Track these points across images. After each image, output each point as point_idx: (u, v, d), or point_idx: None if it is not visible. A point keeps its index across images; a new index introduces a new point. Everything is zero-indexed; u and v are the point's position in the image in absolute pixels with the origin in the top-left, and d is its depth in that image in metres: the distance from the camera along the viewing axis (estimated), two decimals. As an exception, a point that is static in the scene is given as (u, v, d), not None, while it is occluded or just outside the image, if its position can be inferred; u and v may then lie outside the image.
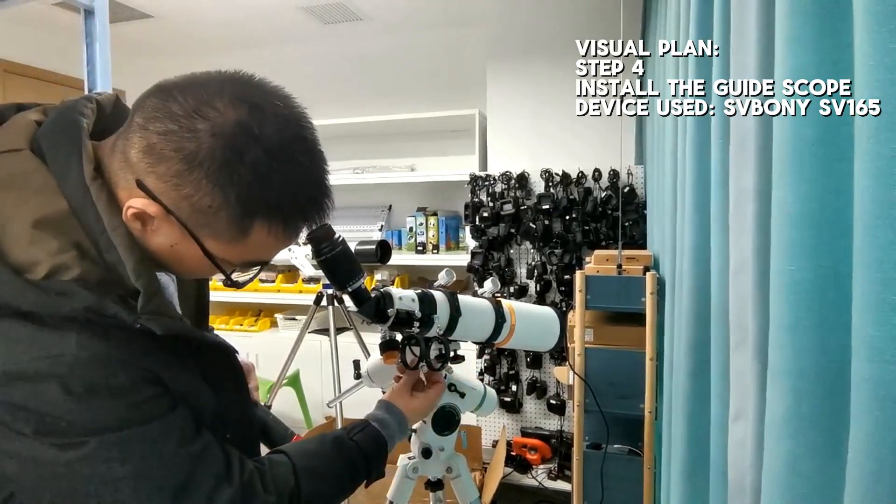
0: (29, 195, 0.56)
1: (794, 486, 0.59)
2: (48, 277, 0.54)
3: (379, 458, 0.80)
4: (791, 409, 0.59)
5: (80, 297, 0.54)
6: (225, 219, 0.57)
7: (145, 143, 0.56)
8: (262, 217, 0.58)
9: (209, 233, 0.59)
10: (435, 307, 0.96)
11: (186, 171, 0.55)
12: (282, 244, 0.63)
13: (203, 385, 0.63)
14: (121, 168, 0.58)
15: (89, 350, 0.54)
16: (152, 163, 0.56)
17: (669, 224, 1.50)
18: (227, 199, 0.56)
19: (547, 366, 2.75)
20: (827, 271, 0.56)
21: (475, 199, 2.76)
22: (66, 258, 0.55)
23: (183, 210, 0.57)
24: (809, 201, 0.57)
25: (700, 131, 1.04)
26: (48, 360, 0.53)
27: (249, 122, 0.56)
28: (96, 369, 0.54)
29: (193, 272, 0.66)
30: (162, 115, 0.56)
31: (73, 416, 0.53)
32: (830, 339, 0.56)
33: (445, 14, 3.06)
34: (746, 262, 0.76)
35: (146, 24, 3.17)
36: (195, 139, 0.55)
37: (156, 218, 0.58)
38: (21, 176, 0.57)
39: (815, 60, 0.58)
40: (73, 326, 0.54)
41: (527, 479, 2.61)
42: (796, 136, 0.59)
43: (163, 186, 0.56)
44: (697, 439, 1.06)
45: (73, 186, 0.57)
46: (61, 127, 0.60)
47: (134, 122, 0.57)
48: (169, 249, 0.61)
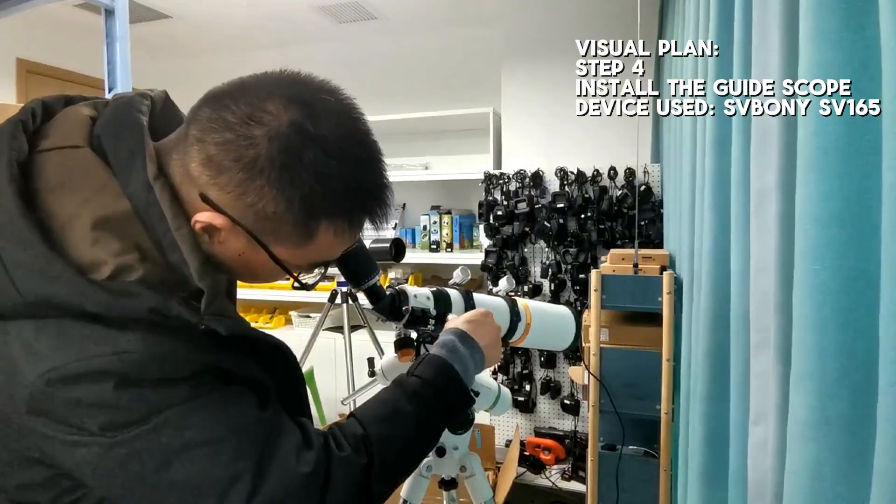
0: (91, 195, 0.55)
1: (817, 490, 0.58)
2: (112, 278, 0.53)
3: (450, 386, 0.72)
4: (815, 412, 0.58)
5: (145, 298, 0.53)
6: (290, 223, 0.57)
7: (204, 156, 0.56)
8: (326, 218, 0.58)
9: (276, 239, 0.59)
10: (450, 305, 0.96)
11: (248, 180, 0.55)
12: (347, 242, 0.63)
13: (266, 377, 0.62)
14: (182, 182, 0.58)
15: (155, 348, 0.53)
16: (213, 174, 0.56)
17: (687, 223, 1.48)
18: (290, 203, 0.56)
19: (561, 365, 2.73)
20: (854, 271, 0.54)
21: (489, 198, 2.75)
22: (129, 259, 0.54)
23: (248, 219, 0.57)
24: (836, 199, 0.56)
25: (720, 128, 1.03)
26: (114, 356, 0.52)
27: (304, 122, 0.56)
28: (162, 365, 0.53)
29: (261, 278, 0.65)
30: (217, 126, 0.55)
31: (141, 403, 0.52)
32: (857, 340, 0.54)
33: (460, 12, 3.05)
34: (769, 261, 0.75)
35: (165, 25, 3.20)
36: (253, 146, 0.55)
37: (222, 230, 0.57)
38: (82, 174, 0.56)
39: (841, 57, 0.56)
40: (137, 326, 0.53)
41: (540, 479, 2.60)
42: (822, 131, 0.57)
43: (226, 197, 0.56)
44: (716, 442, 1.04)
45: (137, 185, 0.56)
46: (123, 125, 0.59)
47: (190, 134, 0.57)
48: (237, 258, 0.60)
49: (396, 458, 0.64)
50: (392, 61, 3.42)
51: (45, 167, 0.56)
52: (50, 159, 0.56)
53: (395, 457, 0.64)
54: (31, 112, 0.59)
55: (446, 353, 0.75)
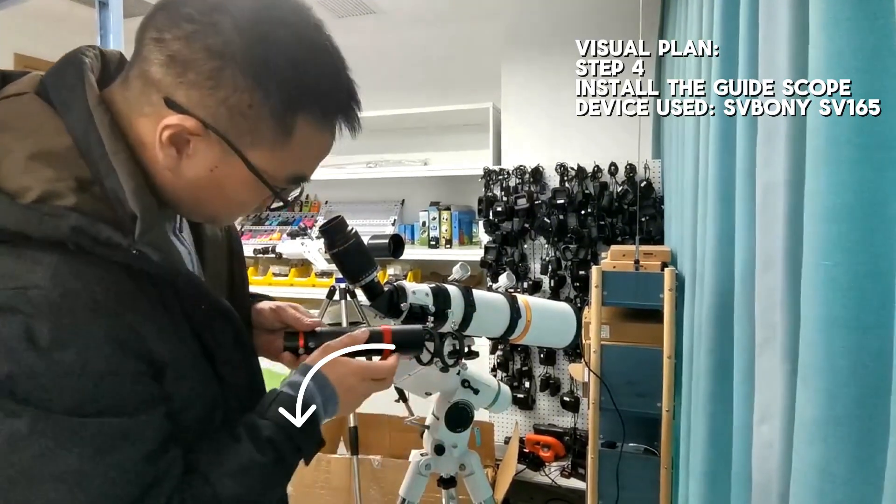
0: (28, 132, 0.53)
1: (825, 491, 0.57)
2: (39, 202, 0.50)
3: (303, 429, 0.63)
4: (823, 412, 0.57)
5: (71, 218, 0.49)
6: (267, 117, 0.54)
7: (166, 55, 0.53)
8: (304, 109, 0.55)
9: (252, 141, 0.55)
10: (449, 302, 0.94)
11: (219, 69, 0.52)
12: (323, 147, 0.60)
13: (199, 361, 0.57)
14: (141, 93, 0.55)
15: (63, 286, 0.48)
16: (180, 72, 0.52)
17: (690, 219, 1.46)
18: (266, 92, 0.53)
19: (560, 362, 2.72)
20: (865, 267, 0.53)
21: (489, 194, 2.73)
22: (60, 186, 0.51)
23: (222, 119, 0.54)
24: (846, 193, 0.54)
25: (725, 122, 1.01)
26: (16, 291, 0.47)
27: (268, 9, 0.54)
28: (68, 313, 0.48)
29: (233, 203, 0.61)
30: (178, 21, 0.52)
31: (25, 374, 0.46)
32: (867, 338, 0.53)
33: (460, 7, 3.03)
34: (775, 256, 0.73)
35: (161, 19, 3.18)
36: (220, 33, 0.52)
37: (193, 138, 0.54)
38: (22, 116, 0.54)
39: (853, 46, 0.55)
40: (53, 252, 0.49)
41: (540, 476, 2.59)
42: (832, 124, 0.56)
43: (196, 95, 0.53)
44: (719, 440, 1.03)
45: (77, 113, 0.54)
46: (65, 64, 0.57)
47: (146, 40, 0.54)
48: (208, 176, 0.56)
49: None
50: (391, 56, 3.40)
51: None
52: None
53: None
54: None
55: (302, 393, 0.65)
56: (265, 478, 0.60)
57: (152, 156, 0.56)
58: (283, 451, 0.61)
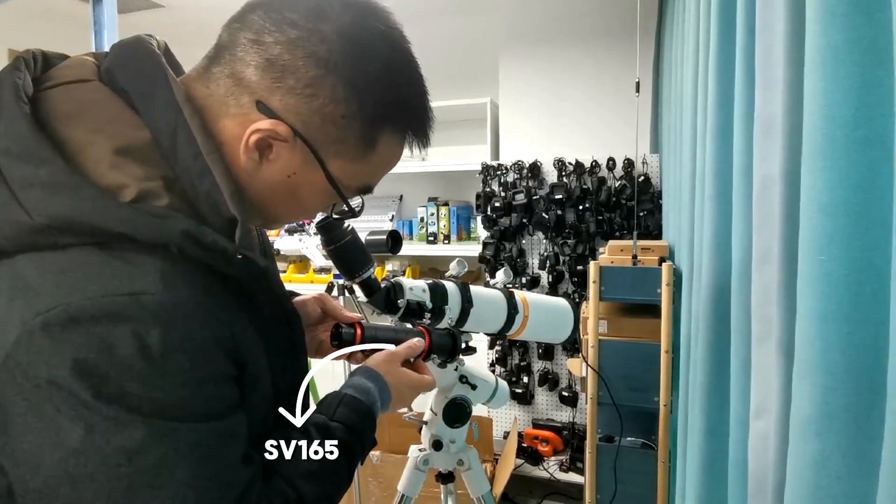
0: (104, 125, 0.50)
1: (821, 486, 0.57)
2: (136, 202, 0.47)
3: (366, 428, 0.67)
4: (819, 406, 0.57)
5: (178, 220, 0.47)
6: (356, 129, 0.54)
7: (265, 58, 0.51)
8: (391, 124, 0.56)
9: (336, 151, 0.55)
10: (446, 298, 0.94)
11: (322, 77, 0.51)
12: (396, 159, 0.60)
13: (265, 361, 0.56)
14: (229, 93, 0.53)
15: (175, 290, 0.46)
16: (278, 77, 0.51)
17: (687, 213, 1.46)
18: (362, 105, 0.53)
19: (559, 357, 2.73)
20: (860, 262, 0.53)
21: (487, 189, 2.73)
22: (153, 185, 0.48)
23: (312, 127, 0.53)
24: (843, 188, 0.54)
25: (722, 117, 1.01)
26: (125, 297, 0.44)
27: (368, 19, 0.54)
28: (179, 320, 0.46)
29: (301, 208, 0.60)
30: (281, 26, 0.51)
31: (137, 384, 0.44)
32: (863, 333, 0.53)
33: (457, 2, 3.01)
34: (771, 251, 0.73)
35: (156, 14, 3.16)
36: (324, 42, 0.51)
37: (278, 143, 0.53)
38: (94, 104, 0.51)
39: (850, 40, 0.54)
40: (157, 255, 0.46)
41: (538, 470, 2.60)
42: (828, 118, 0.56)
43: (292, 102, 0.52)
44: (716, 435, 1.03)
45: (162, 109, 0.51)
46: (135, 55, 0.54)
47: (241, 40, 0.52)
48: (284, 182, 0.55)
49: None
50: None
51: (51, 100, 0.50)
52: (57, 93, 0.51)
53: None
54: (32, 56, 0.53)
55: (365, 397, 0.68)
56: (339, 478, 0.61)
57: (231, 155, 0.54)
58: (354, 453, 0.63)
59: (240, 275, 0.52)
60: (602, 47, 2.68)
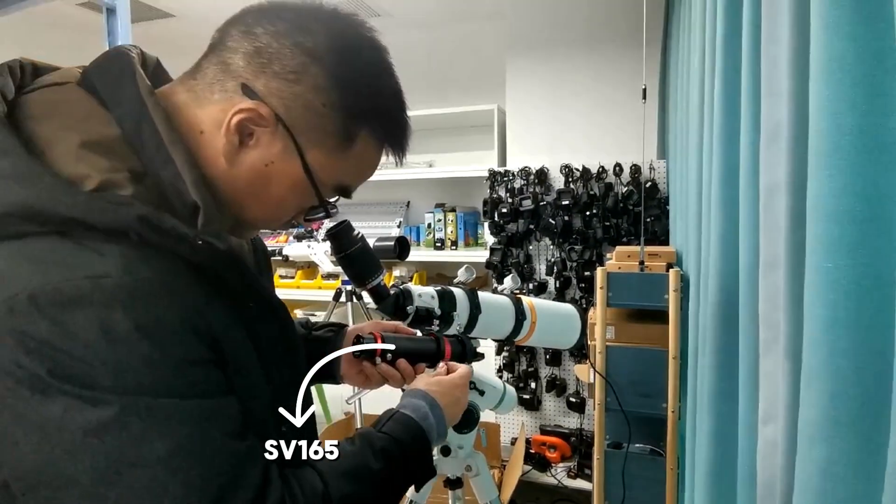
0: (75, 123, 0.52)
1: (828, 491, 0.57)
2: (98, 191, 0.48)
3: (416, 446, 0.67)
4: (826, 413, 0.57)
5: (135, 207, 0.48)
6: (337, 121, 0.56)
7: (254, 46, 0.54)
8: (370, 123, 0.58)
9: (315, 139, 0.56)
10: (455, 304, 0.95)
11: (307, 64, 0.54)
12: (373, 164, 0.62)
13: (252, 357, 0.56)
14: (215, 80, 0.55)
15: (136, 273, 0.47)
16: (264, 63, 0.54)
17: (694, 219, 1.46)
18: (342, 97, 0.55)
19: (566, 363, 2.72)
20: (867, 269, 0.53)
21: (494, 195, 2.74)
22: (117, 177, 0.50)
23: (294, 111, 0.55)
24: (848, 195, 0.54)
25: (728, 123, 1.01)
26: (87, 280, 0.45)
27: (355, 27, 0.58)
28: (143, 301, 0.46)
29: (274, 204, 0.60)
30: (272, 19, 0.55)
31: (106, 364, 0.44)
32: (870, 339, 0.53)
33: (464, 9, 3.04)
34: (778, 258, 0.73)
35: (168, 24, 3.20)
36: (312, 35, 0.54)
37: (257, 129, 0.54)
38: (66, 104, 0.53)
39: (853, 50, 0.55)
40: (120, 241, 0.47)
41: (546, 477, 2.59)
42: (834, 125, 0.56)
43: (276, 85, 0.54)
44: (724, 441, 1.03)
45: (128, 103, 0.53)
46: (109, 59, 0.57)
47: (232, 33, 0.55)
48: (261, 171, 0.56)
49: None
50: (396, 58, 3.37)
51: (28, 103, 0.53)
52: (34, 96, 0.53)
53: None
54: (20, 65, 0.55)
55: (419, 417, 0.70)
56: (375, 487, 0.60)
57: (209, 145, 0.55)
58: (395, 466, 0.62)
59: (206, 262, 0.52)
60: (608, 54, 2.69)
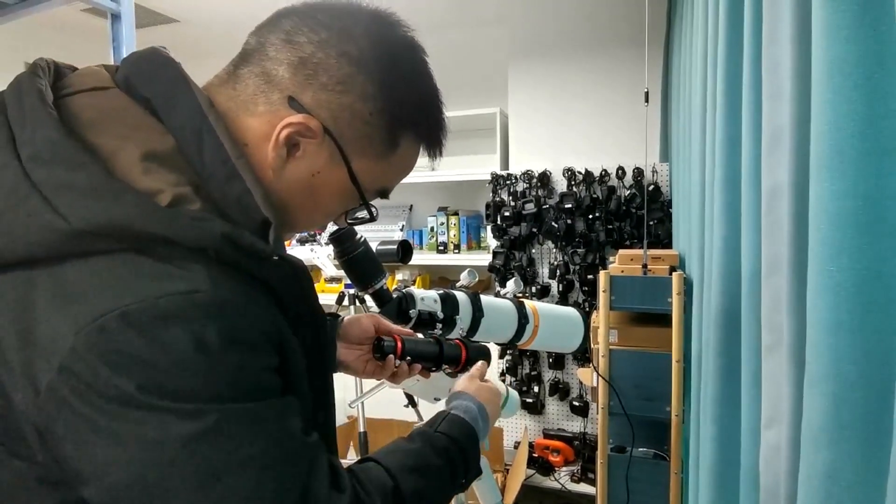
0: (129, 132, 0.50)
1: (832, 496, 0.57)
2: (171, 206, 0.47)
3: (470, 446, 0.68)
4: (830, 417, 0.57)
5: (217, 223, 0.47)
6: (382, 128, 0.56)
7: (297, 57, 0.53)
8: (412, 127, 0.58)
9: (361, 148, 0.56)
10: (457, 308, 0.95)
11: (353, 74, 0.53)
12: (412, 165, 0.63)
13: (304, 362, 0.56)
14: (258, 91, 0.54)
15: (222, 289, 0.46)
16: (310, 74, 0.53)
17: (697, 223, 1.46)
18: (389, 103, 0.55)
19: (569, 367, 2.72)
20: (870, 272, 0.53)
21: (496, 199, 2.74)
22: (185, 191, 0.48)
23: (342, 122, 0.54)
24: (850, 198, 0.54)
25: (730, 126, 1.01)
26: (179, 297, 0.44)
27: (396, 29, 0.57)
28: (232, 315, 0.46)
29: (320, 210, 0.60)
30: (313, 26, 0.54)
31: (202, 376, 0.43)
32: (873, 343, 0.53)
33: (466, 13, 3.05)
34: (781, 261, 0.73)
35: (172, 29, 3.22)
36: (355, 42, 0.54)
37: (304, 140, 0.54)
38: (116, 111, 0.51)
39: (855, 53, 0.55)
40: (199, 258, 0.46)
41: (549, 481, 2.58)
42: (835, 129, 0.56)
43: (324, 97, 0.53)
44: (727, 445, 1.03)
45: (186, 116, 0.51)
46: (152, 63, 0.55)
47: (272, 40, 0.54)
48: (307, 181, 0.56)
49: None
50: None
51: (73, 107, 0.50)
52: (78, 100, 0.51)
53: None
54: (46, 63, 0.53)
55: (471, 419, 0.71)
56: (439, 483, 0.61)
57: (253, 156, 0.55)
58: (455, 465, 0.64)
59: (270, 277, 0.51)
60: (611, 57, 2.70)
